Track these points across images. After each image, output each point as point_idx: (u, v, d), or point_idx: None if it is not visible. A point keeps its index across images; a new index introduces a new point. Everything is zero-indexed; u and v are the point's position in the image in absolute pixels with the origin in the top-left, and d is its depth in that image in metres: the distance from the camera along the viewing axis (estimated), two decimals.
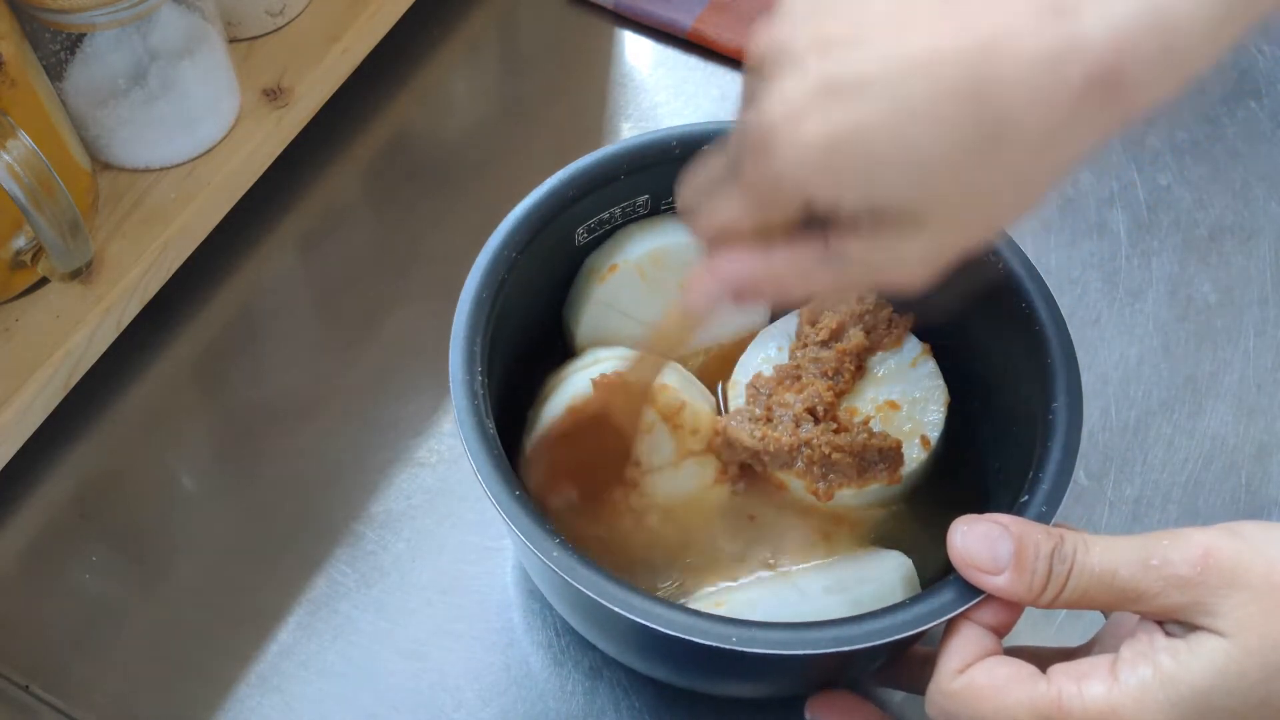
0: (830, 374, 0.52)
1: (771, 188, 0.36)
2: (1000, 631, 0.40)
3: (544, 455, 0.50)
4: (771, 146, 0.34)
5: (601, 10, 0.78)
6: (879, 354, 0.53)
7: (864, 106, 0.33)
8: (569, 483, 0.50)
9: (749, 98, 0.37)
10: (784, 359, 0.53)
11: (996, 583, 0.39)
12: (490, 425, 0.44)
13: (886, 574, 0.48)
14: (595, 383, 0.49)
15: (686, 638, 0.40)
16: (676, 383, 0.51)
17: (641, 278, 0.53)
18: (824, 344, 0.52)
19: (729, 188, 0.38)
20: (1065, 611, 0.54)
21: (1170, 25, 0.31)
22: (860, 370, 0.53)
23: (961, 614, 0.40)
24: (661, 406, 0.50)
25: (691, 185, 0.41)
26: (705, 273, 0.40)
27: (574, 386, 0.50)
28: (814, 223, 0.37)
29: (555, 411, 0.50)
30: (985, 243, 0.39)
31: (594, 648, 0.54)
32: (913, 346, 0.53)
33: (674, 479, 0.51)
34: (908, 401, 0.52)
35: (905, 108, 0.32)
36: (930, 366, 0.53)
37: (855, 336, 0.52)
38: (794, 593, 0.47)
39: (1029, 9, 0.32)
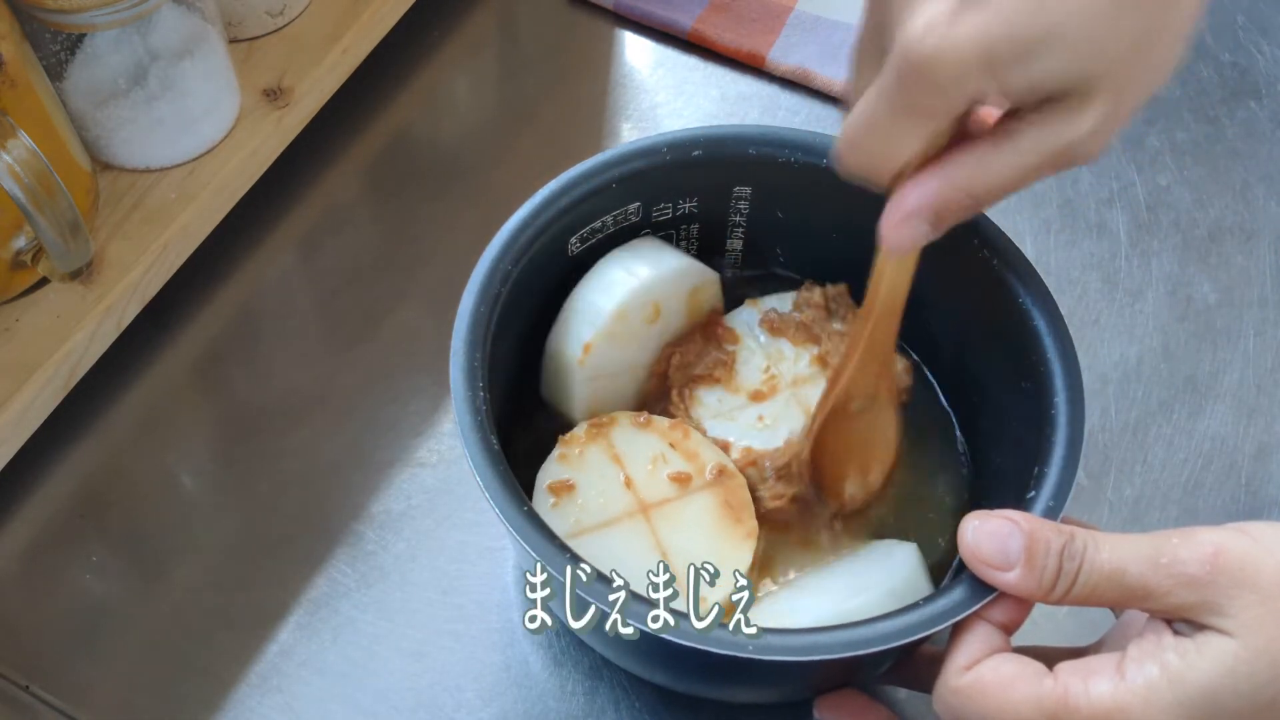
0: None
1: (939, 103, 0.37)
2: (1009, 629, 0.41)
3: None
4: (931, 65, 0.36)
5: (601, 10, 0.78)
6: (701, 388, 0.54)
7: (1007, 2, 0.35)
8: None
9: (872, 33, 0.41)
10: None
11: (1007, 579, 0.39)
12: (495, 441, 0.44)
13: (904, 563, 0.48)
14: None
15: (702, 648, 0.39)
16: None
17: (614, 340, 0.52)
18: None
19: (891, 126, 0.39)
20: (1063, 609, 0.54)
21: None
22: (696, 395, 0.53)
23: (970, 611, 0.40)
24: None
25: (855, 136, 0.41)
26: (901, 212, 0.41)
27: None
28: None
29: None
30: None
31: (594, 648, 0.54)
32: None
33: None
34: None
35: None
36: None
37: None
38: (819, 599, 0.47)
39: None
